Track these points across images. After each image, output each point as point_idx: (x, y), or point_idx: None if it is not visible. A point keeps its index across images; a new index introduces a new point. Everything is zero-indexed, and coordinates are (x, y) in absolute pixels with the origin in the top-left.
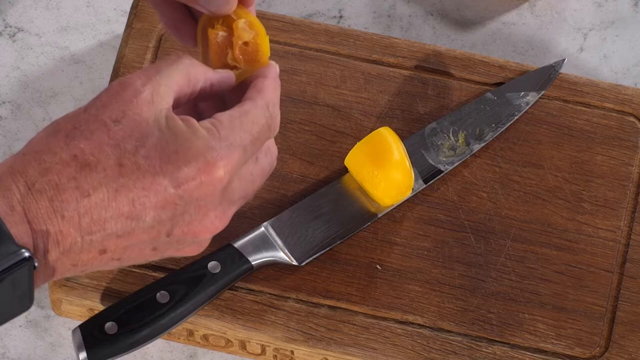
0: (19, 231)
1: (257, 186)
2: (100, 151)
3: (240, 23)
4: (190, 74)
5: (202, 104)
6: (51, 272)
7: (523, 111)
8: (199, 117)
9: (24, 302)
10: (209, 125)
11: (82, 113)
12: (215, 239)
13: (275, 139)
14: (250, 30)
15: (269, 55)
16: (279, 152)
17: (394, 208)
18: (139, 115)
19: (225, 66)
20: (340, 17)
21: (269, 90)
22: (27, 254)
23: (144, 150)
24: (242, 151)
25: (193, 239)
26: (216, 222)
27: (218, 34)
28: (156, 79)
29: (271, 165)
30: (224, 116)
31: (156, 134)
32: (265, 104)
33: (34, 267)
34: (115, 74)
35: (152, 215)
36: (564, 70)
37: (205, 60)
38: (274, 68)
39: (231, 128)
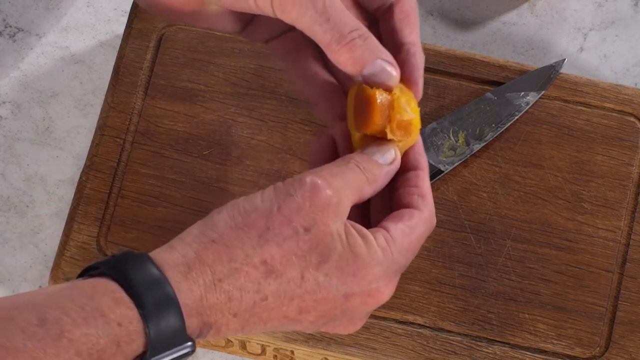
0: (191, 323)
1: (416, 253)
2: (287, 260)
3: (402, 101)
4: (364, 190)
5: None
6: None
7: (523, 111)
8: None
9: None
10: (383, 244)
11: (276, 212)
12: None
13: (276, 139)
14: (411, 111)
15: (420, 128)
16: (279, 152)
17: None
18: (326, 226)
19: (379, 132)
20: None
21: (430, 194)
22: (191, 347)
23: (326, 267)
24: (403, 270)
25: (332, 331)
26: (358, 323)
27: (383, 95)
28: (343, 191)
29: (431, 229)
30: (396, 232)
31: (338, 249)
32: (430, 215)
33: (194, 350)
34: (115, 73)
35: (312, 319)
36: (564, 70)
37: (352, 124)
38: (424, 158)
39: (402, 249)
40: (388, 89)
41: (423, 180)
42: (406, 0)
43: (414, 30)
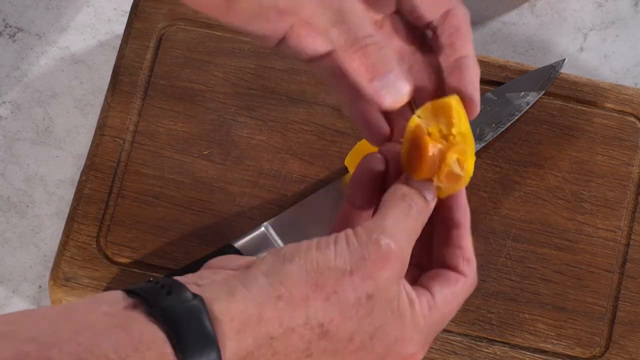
0: None
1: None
2: (343, 325)
3: (453, 157)
4: (412, 235)
5: None
6: None
7: (523, 111)
8: None
9: None
10: (426, 313)
11: (348, 276)
12: (215, 239)
13: (276, 139)
14: (460, 170)
15: (472, 175)
16: (279, 152)
17: None
18: (387, 292)
19: (427, 176)
20: None
21: (474, 258)
22: None
23: (372, 330)
24: (439, 331)
25: None
26: None
27: (436, 147)
28: (407, 249)
29: (470, 292)
30: (440, 299)
31: (388, 315)
32: (473, 281)
33: None
34: (115, 73)
35: None
36: (564, 70)
37: (404, 157)
38: (467, 212)
39: (443, 315)
40: (398, 104)
41: (467, 241)
42: (456, 13)
43: (466, 42)
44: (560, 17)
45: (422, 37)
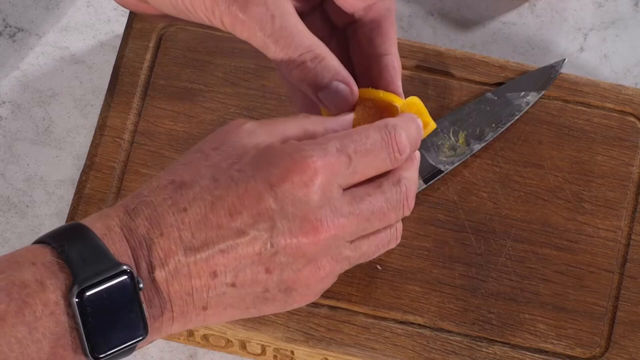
0: (117, 250)
1: (372, 251)
2: (196, 173)
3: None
4: (306, 125)
5: None
6: (169, 306)
7: (523, 111)
8: None
9: (137, 327)
10: (309, 140)
11: (188, 152)
12: None
13: None
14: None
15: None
16: None
17: None
18: (238, 141)
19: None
20: None
21: (394, 119)
22: (125, 268)
23: (238, 165)
24: (342, 156)
25: (303, 258)
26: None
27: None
28: (265, 126)
29: (396, 238)
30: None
31: (252, 152)
32: (384, 124)
33: (140, 288)
34: (115, 73)
35: (251, 222)
36: (564, 70)
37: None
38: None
39: (332, 137)
40: (346, 107)
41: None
42: (378, 8)
43: (386, 39)
44: (560, 17)
45: (339, 34)
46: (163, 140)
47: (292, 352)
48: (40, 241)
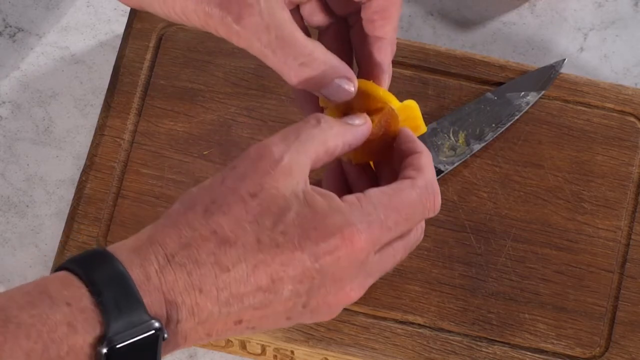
0: (152, 301)
1: (398, 260)
2: (238, 227)
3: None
4: (328, 142)
5: None
6: (183, 340)
7: (523, 111)
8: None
9: None
10: (353, 200)
11: (220, 185)
12: None
13: None
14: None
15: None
16: None
17: None
18: (277, 189)
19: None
20: None
21: (428, 169)
22: (157, 325)
23: (282, 227)
24: (384, 229)
25: (327, 310)
26: (352, 294)
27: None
28: (295, 147)
29: (417, 240)
30: (374, 191)
31: (294, 208)
32: (425, 184)
33: (164, 338)
34: (115, 73)
35: (290, 288)
36: (564, 70)
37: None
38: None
39: (377, 204)
40: (348, 98)
41: (420, 159)
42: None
43: (386, 23)
44: (560, 17)
45: (339, 22)
46: (163, 140)
47: (292, 352)
48: (73, 269)
